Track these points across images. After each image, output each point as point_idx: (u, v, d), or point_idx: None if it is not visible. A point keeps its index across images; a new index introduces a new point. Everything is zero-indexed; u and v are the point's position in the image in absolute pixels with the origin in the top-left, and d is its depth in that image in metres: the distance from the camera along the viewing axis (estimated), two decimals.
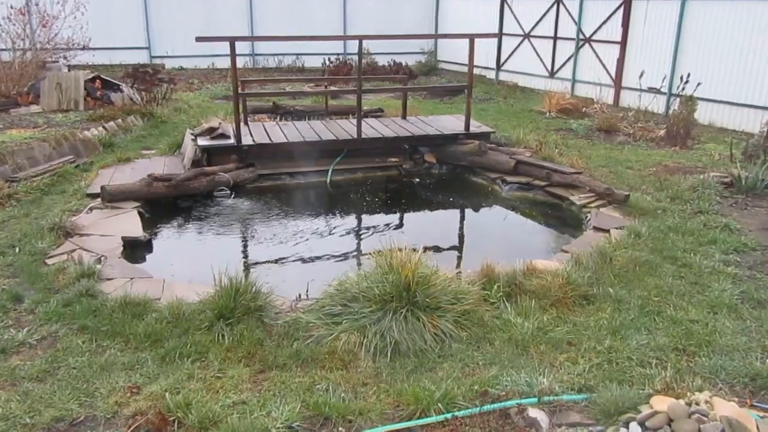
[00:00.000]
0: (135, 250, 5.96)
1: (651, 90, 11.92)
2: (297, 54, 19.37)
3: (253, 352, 3.98)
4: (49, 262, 5.30)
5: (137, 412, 3.33)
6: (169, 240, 6.77)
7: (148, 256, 6.07)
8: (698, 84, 10.57)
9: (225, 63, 15.46)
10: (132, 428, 3.21)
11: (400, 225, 7.60)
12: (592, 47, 14.11)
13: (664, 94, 12.04)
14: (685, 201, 7.04)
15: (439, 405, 3.35)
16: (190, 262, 6.06)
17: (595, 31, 13.98)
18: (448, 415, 3.28)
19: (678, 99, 10.35)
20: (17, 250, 5.50)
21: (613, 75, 13.49)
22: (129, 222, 6.42)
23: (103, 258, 5.43)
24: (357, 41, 9.03)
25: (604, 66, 13.75)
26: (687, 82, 10.40)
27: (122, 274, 5.14)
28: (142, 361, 3.87)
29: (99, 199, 6.93)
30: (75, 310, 4.43)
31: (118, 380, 3.66)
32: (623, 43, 13.21)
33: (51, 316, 4.37)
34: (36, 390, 3.56)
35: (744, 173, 7.48)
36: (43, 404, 3.42)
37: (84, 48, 13.89)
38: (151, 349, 4.01)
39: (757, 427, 3.06)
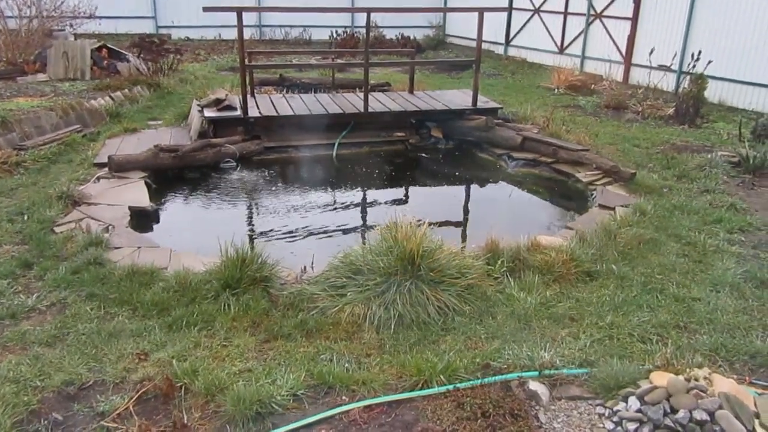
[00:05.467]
0: (142, 219, 6.00)
1: (661, 67, 11.79)
2: (304, 26, 19.20)
3: (259, 322, 4.04)
4: (57, 230, 5.35)
5: (145, 378, 3.39)
6: (176, 210, 6.81)
7: (154, 226, 6.12)
8: (709, 62, 10.45)
9: (231, 34, 15.39)
10: (140, 393, 3.28)
11: (405, 199, 7.61)
12: (602, 23, 13.93)
13: (675, 71, 11.91)
14: (692, 180, 7.02)
15: (442, 377, 3.40)
16: (196, 233, 6.10)
17: (606, 7, 13.80)
18: (450, 387, 3.33)
19: (688, 77, 10.24)
20: (26, 217, 5.55)
21: (623, 52, 13.34)
22: (136, 192, 6.46)
23: (110, 227, 5.47)
24: (365, 13, 8.93)
25: (614, 42, 13.59)
26: (698, 59, 10.28)
27: (129, 243, 5.19)
28: (150, 328, 3.93)
29: (106, 169, 6.95)
30: (83, 277, 4.49)
31: (126, 347, 3.72)
32: (634, 19, 13.04)
33: (60, 283, 4.43)
34: (46, 354, 3.62)
35: (752, 152, 7.44)
36: (52, 368, 3.49)
37: (90, 16, 13.83)
38: (158, 317, 4.07)
39: (755, 404, 3.10)
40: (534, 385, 3.34)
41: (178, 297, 4.27)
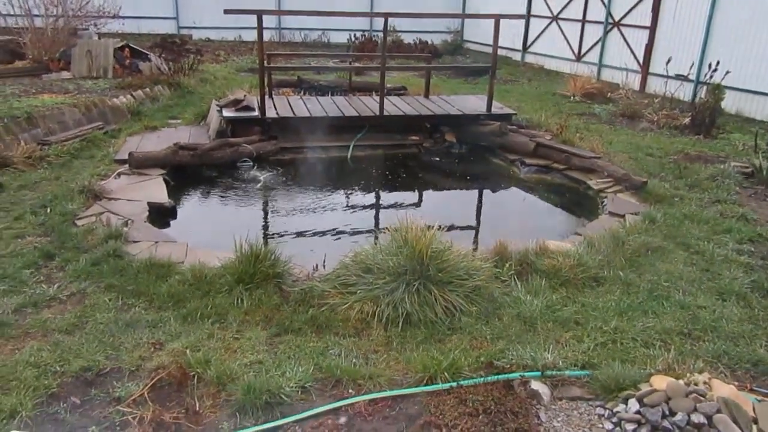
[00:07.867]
0: (160, 215, 6.15)
1: (678, 77, 11.78)
2: (323, 29, 19.38)
3: (271, 316, 4.15)
4: (79, 223, 5.51)
5: (159, 366, 3.51)
6: (193, 207, 6.96)
7: (172, 222, 6.26)
8: (727, 72, 10.42)
9: (251, 36, 15.58)
10: (154, 380, 3.41)
11: (417, 202, 7.70)
12: (620, 31, 13.93)
13: (692, 81, 11.89)
14: (704, 190, 7.03)
15: (446, 374, 3.48)
16: (212, 229, 6.24)
17: (624, 15, 13.80)
18: (454, 384, 3.42)
19: (705, 87, 10.22)
20: (48, 210, 5.72)
21: (641, 60, 13.33)
22: (155, 188, 6.62)
23: (129, 221, 5.63)
24: (383, 18, 9.04)
25: (631, 51, 13.59)
26: (715, 70, 10.25)
27: (147, 238, 5.34)
28: (165, 319, 4.06)
29: (126, 165, 7.13)
30: (102, 269, 4.64)
31: (142, 336, 3.86)
32: (652, 29, 13.03)
33: (80, 274, 4.58)
34: (65, 341, 3.77)
35: (765, 163, 7.43)
36: (72, 354, 3.63)
37: (114, 16, 14.10)
38: (173, 309, 4.20)
39: (754, 409, 3.15)
40: (536, 385, 3.42)
41: (193, 290, 4.40)
